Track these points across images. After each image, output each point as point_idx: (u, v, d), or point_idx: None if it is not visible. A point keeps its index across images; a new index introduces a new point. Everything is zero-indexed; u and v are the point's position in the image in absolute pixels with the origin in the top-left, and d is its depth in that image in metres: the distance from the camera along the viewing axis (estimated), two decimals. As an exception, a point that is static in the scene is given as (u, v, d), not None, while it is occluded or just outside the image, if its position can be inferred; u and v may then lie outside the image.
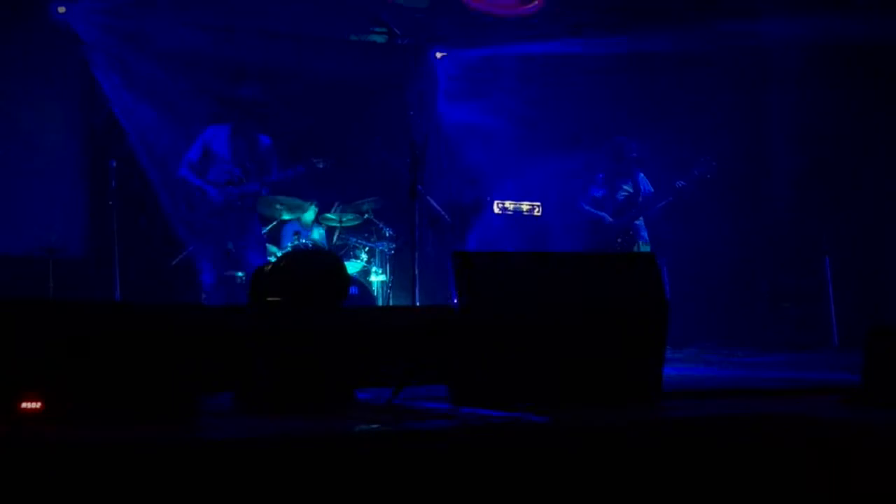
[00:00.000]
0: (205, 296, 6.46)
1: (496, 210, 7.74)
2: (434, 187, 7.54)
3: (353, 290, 7.03)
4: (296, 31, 8.22)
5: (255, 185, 6.49)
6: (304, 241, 7.32)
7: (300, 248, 7.02)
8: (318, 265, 3.52)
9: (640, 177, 6.93)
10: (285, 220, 7.65)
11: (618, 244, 6.77)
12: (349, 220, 7.78)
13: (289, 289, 3.30)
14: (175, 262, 6.91)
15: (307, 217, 7.77)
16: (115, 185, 6.53)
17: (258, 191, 6.54)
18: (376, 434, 2.47)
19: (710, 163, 6.72)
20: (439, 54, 8.35)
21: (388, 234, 7.68)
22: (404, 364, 3.20)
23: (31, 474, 2.01)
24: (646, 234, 6.90)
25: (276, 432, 2.41)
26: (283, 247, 7.40)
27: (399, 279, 7.67)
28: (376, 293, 7.51)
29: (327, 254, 6.06)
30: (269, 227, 7.39)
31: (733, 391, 3.61)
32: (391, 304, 7.64)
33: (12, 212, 7.05)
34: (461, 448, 2.36)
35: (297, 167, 6.63)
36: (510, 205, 7.79)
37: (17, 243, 6.81)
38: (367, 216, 7.77)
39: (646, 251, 6.77)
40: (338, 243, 7.72)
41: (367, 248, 7.62)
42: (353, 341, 3.15)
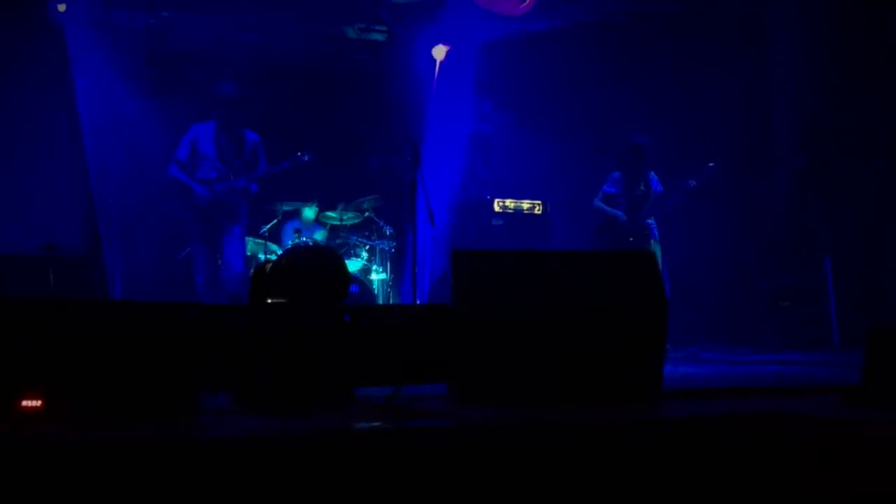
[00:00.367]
0: (197, 295, 6.40)
1: (496, 208, 7.74)
2: (434, 185, 7.54)
3: (354, 288, 7.03)
4: (295, 28, 8.22)
5: (242, 181, 6.36)
6: (304, 238, 7.32)
7: (300, 246, 7.01)
8: (319, 263, 3.52)
9: (652, 176, 6.92)
10: (286, 213, 7.66)
11: (630, 243, 6.75)
12: (350, 218, 7.79)
13: (289, 287, 3.30)
14: (182, 255, 6.88)
15: (308, 215, 7.78)
16: (115, 183, 6.52)
17: (246, 187, 6.40)
18: (376, 432, 2.47)
19: (719, 163, 6.71)
20: (440, 53, 8.35)
21: (388, 233, 7.69)
22: (404, 363, 3.20)
23: (32, 473, 2.01)
24: (657, 233, 6.90)
25: (276, 431, 2.41)
26: (283, 245, 7.40)
27: (399, 277, 7.68)
28: (377, 291, 7.51)
29: (328, 252, 6.04)
30: (269, 226, 7.39)
31: (733, 390, 3.61)
32: (391, 302, 7.64)
33: (11, 210, 7.04)
34: (460, 447, 2.37)
35: (283, 163, 6.53)
36: (511, 203, 7.79)
37: (16, 242, 6.80)
38: (368, 214, 7.78)
39: (657, 250, 6.78)
40: (338, 241, 7.72)
41: (367, 247, 7.62)
42: (352, 340, 3.15)
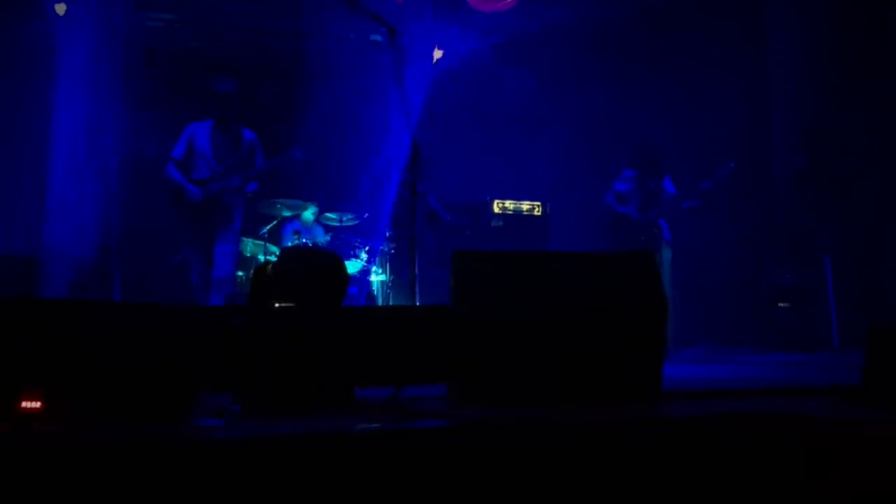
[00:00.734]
0: (193, 296, 6.36)
1: (496, 209, 7.74)
2: (433, 186, 7.54)
3: (354, 289, 7.03)
4: (294, 29, 8.22)
5: (235, 180, 6.29)
6: (304, 240, 7.32)
7: (299, 247, 7.01)
8: (318, 264, 3.52)
9: (666, 177, 6.92)
10: (286, 217, 7.65)
11: (641, 242, 6.73)
12: (349, 219, 7.79)
13: (288, 287, 3.29)
14: (176, 260, 6.86)
15: (307, 216, 7.78)
16: (115, 184, 6.51)
17: (239, 186, 6.33)
18: (376, 434, 2.47)
19: (730, 165, 6.71)
20: (439, 54, 8.36)
21: (387, 234, 7.69)
22: (404, 364, 3.20)
23: (31, 474, 2.01)
24: (668, 233, 6.89)
25: (276, 432, 2.41)
26: (283, 246, 7.40)
27: (399, 279, 7.67)
28: (376, 293, 7.51)
29: (327, 253, 6.03)
30: (268, 227, 7.39)
31: (733, 391, 3.61)
32: (391, 303, 7.64)
33: (11, 211, 7.04)
34: (461, 447, 2.36)
35: (275, 159, 6.48)
36: (510, 204, 7.79)
37: (16, 243, 6.81)
38: (367, 216, 7.79)
39: (668, 251, 6.78)
40: (338, 243, 7.73)
41: (367, 248, 7.62)
42: (352, 341, 3.15)
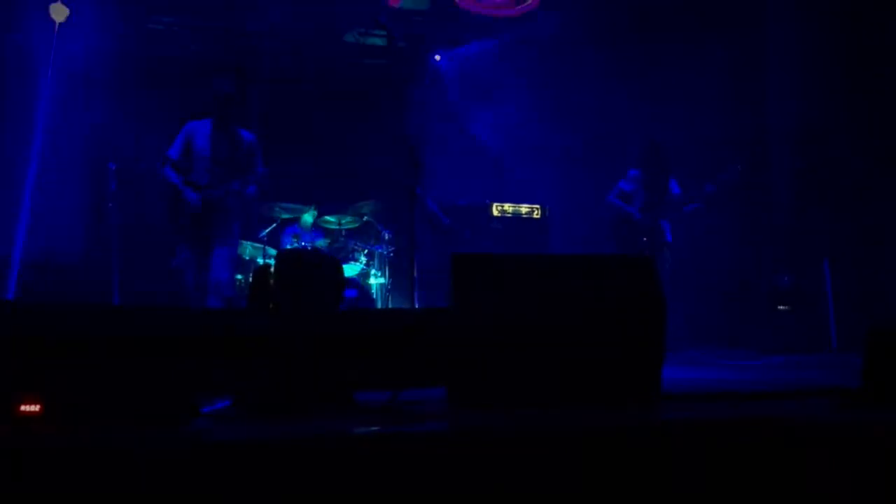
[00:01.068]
0: (190, 300, 6.30)
1: (495, 213, 7.74)
2: (433, 189, 7.55)
3: (353, 292, 7.03)
4: (295, 33, 8.23)
5: (235, 184, 6.20)
6: (303, 243, 7.32)
7: (298, 250, 7.01)
8: (317, 267, 3.52)
9: (671, 179, 6.92)
10: (285, 220, 7.65)
11: (643, 242, 6.73)
12: (348, 222, 7.79)
13: (287, 290, 3.30)
14: (175, 263, 6.84)
15: (306, 220, 7.78)
16: (114, 187, 6.50)
17: (238, 190, 6.24)
18: (375, 436, 2.46)
19: (735, 168, 6.70)
20: (436, 58, 8.37)
21: (386, 237, 7.68)
22: (403, 366, 3.20)
23: (31, 477, 2.01)
24: (670, 235, 6.89)
25: (275, 434, 2.40)
26: (280, 249, 7.40)
27: (398, 281, 7.68)
28: (375, 296, 7.51)
29: (325, 256, 6.03)
30: (268, 230, 7.39)
31: (732, 393, 3.60)
32: (390, 306, 7.64)
33: (11, 215, 7.05)
34: (460, 450, 2.36)
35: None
36: (509, 207, 7.79)
37: (15, 246, 6.81)
38: (366, 219, 7.78)
39: (669, 253, 6.78)
40: (337, 246, 7.73)
41: (365, 251, 7.62)
42: (351, 343, 3.15)
